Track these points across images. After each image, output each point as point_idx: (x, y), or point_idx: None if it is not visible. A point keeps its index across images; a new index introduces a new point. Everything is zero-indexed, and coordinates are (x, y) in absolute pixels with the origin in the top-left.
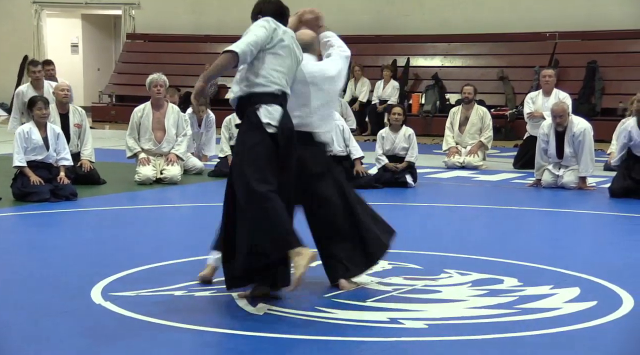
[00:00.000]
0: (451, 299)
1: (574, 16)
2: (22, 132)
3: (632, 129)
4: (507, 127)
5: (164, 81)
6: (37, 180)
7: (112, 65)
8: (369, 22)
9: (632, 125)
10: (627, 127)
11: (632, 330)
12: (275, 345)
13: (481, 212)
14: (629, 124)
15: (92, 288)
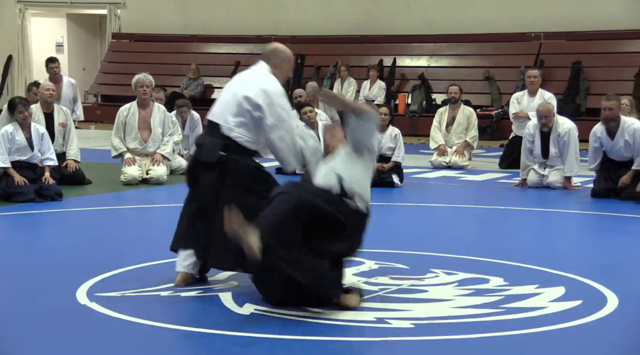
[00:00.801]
0: (437, 298)
1: (559, 16)
2: (5, 133)
3: (601, 135)
4: (492, 127)
5: (150, 81)
6: (21, 181)
7: (98, 65)
8: (356, 22)
9: (600, 130)
10: (595, 131)
11: (616, 329)
12: (261, 345)
13: (467, 212)
14: (598, 129)
15: (77, 288)
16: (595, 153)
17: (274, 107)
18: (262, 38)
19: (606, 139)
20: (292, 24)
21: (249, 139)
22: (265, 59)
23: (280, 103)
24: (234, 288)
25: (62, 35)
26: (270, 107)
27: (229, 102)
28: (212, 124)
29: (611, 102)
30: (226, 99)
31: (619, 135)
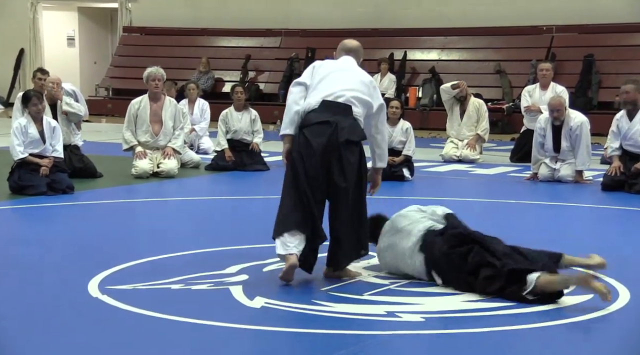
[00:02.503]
0: (448, 292)
1: (570, 10)
2: (19, 126)
3: (620, 118)
4: (504, 120)
5: (162, 75)
6: (43, 162)
7: (109, 58)
8: (366, 15)
9: (621, 113)
10: (617, 115)
11: (628, 322)
12: (272, 339)
13: (478, 205)
14: (619, 114)
15: (89, 281)
16: (613, 137)
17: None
18: (272, 31)
19: (625, 121)
20: (302, 18)
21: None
22: (352, 55)
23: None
24: (244, 281)
25: (73, 29)
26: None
27: (355, 85)
28: (338, 104)
29: (628, 86)
30: (348, 82)
31: (637, 118)
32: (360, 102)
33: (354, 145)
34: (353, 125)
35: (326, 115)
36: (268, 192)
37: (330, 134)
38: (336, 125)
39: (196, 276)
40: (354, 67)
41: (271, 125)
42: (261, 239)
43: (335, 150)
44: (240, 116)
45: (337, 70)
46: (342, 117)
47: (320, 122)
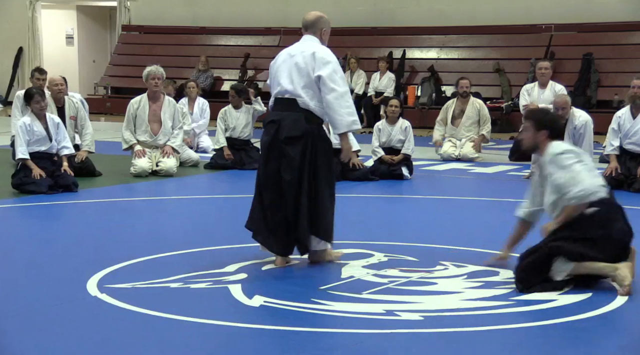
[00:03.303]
0: (447, 291)
1: (569, 8)
2: (23, 125)
3: (622, 116)
4: (502, 119)
5: (162, 74)
6: (38, 174)
7: (108, 57)
8: (365, 14)
9: (623, 111)
10: (618, 113)
11: (626, 321)
12: (271, 337)
13: (477, 204)
14: (621, 111)
15: (87, 280)
16: (613, 135)
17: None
18: (271, 30)
19: (628, 118)
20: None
21: (321, 108)
22: (310, 32)
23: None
24: (243, 280)
25: (72, 28)
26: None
27: (294, 76)
28: (285, 100)
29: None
30: (289, 74)
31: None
32: (303, 91)
33: (296, 139)
34: (296, 119)
35: (275, 113)
36: None
37: (275, 132)
38: (279, 123)
39: (195, 275)
40: (300, 50)
41: None
42: None
43: (278, 147)
44: (238, 114)
45: (282, 62)
46: (289, 112)
47: (269, 121)
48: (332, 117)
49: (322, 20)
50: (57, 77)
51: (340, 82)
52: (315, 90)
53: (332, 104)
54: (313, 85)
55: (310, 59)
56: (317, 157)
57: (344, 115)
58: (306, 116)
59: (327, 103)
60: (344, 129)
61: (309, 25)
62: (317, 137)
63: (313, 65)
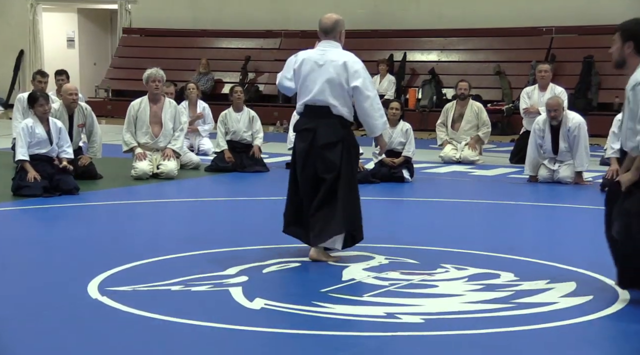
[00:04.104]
0: (448, 293)
1: (570, 11)
2: (25, 126)
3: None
4: (503, 122)
5: (162, 76)
6: (32, 177)
7: (109, 59)
8: (366, 16)
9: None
10: (618, 115)
11: (627, 324)
12: (272, 340)
13: (477, 206)
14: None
15: (88, 283)
16: (613, 138)
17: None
18: (272, 33)
19: None
20: (301, 19)
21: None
22: (331, 37)
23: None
24: (244, 283)
25: (73, 30)
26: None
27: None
28: (317, 108)
29: None
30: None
31: None
32: (336, 99)
33: (335, 144)
34: (332, 126)
35: (308, 120)
36: (268, 194)
37: (312, 140)
38: (315, 131)
39: (196, 277)
40: (329, 58)
41: (271, 127)
42: (261, 241)
43: (315, 153)
44: (239, 117)
45: (311, 71)
46: (323, 119)
47: (304, 129)
48: (367, 122)
49: (340, 23)
50: (72, 86)
51: (371, 88)
52: (346, 98)
53: (368, 110)
54: (345, 94)
55: (342, 70)
56: (352, 161)
57: (378, 119)
58: (340, 122)
59: (364, 110)
60: (379, 131)
61: (329, 30)
62: (350, 141)
63: (346, 76)
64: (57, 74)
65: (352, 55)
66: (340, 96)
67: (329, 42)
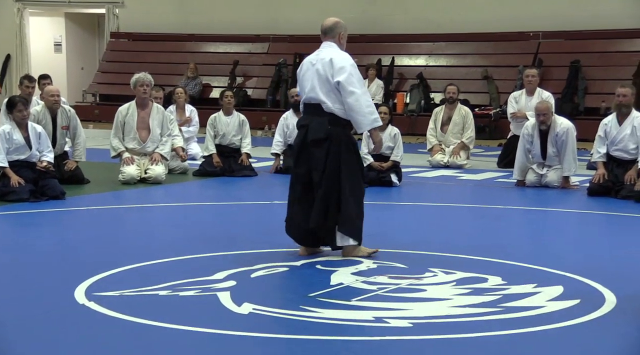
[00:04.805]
0: (436, 297)
1: (557, 15)
2: (2, 133)
3: (608, 123)
4: (491, 126)
5: (150, 81)
6: (16, 182)
7: (96, 64)
8: (354, 21)
9: (609, 119)
10: (604, 120)
11: (614, 328)
12: (259, 345)
13: (465, 211)
14: (607, 119)
15: (75, 288)
16: (600, 143)
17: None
18: (260, 37)
19: (614, 125)
20: (290, 23)
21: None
22: (329, 38)
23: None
24: (232, 287)
25: (60, 35)
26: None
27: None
28: (312, 106)
29: (625, 89)
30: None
31: (628, 122)
32: (326, 96)
33: (321, 141)
34: (321, 123)
35: (305, 117)
36: (256, 198)
37: (303, 136)
38: (307, 127)
39: (184, 282)
40: (320, 56)
41: (259, 131)
42: (249, 245)
43: (306, 150)
44: (228, 120)
45: (306, 70)
46: (316, 117)
47: (300, 126)
48: (354, 118)
49: (339, 25)
50: (54, 87)
51: (357, 84)
52: (337, 95)
53: (353, 106)
54: (335, 91)
55: (328, 66)
56: (341, 157)
57: (366, 115)
58: (330, 120)
59: (349, 106)
60: (366, 127)
61: (327, 31)
62: (341, 138)
63: (332, 72)
64: (41, 78)
65: (344, 53)
66: (331, 93)
67: (327, 43)
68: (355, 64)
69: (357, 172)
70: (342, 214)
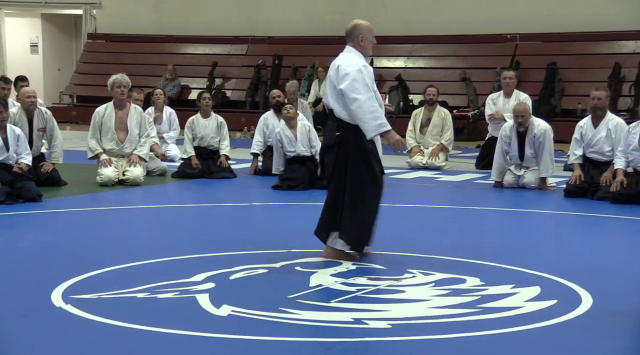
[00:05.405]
0: (414, 298)
1: (534, 18)
2: None
3: (584, 125)
4: (469, 127)
5: (127, 82)
6: None
7: (73, 65)
8: (333, 23)
9: (585, 121)
10: (580, 123)
11: (590, 328)
12: (239, 347)
13: (444, 212)
14: (583, 121)
15: (52, 291)
16: (576, 145)
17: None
18: (239, 38)
19: (590, 128)
20: (269, 25)
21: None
22: (349, 43)
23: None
24: (211, 289)
25: (36, 36)
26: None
27: (328, 89)
28: (328, 111)
29: (600, 92)
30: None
31: (603, 125)
32: (335, 102)
33: (331, 147)
34: (331, 129)
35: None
36: (235, 200)
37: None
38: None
39: (162, 284)
40: (333, 63)
41: (238, 133)
42: (228, 247)
43: (322, 155)
44: (206, 122)
45: (328, 76)
46: (330, 122)
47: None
48: (360, 125)
49: (357, 28)
50: (30, 89)
51: (361, 90)
52: (344, 101)
53: (357, 113)
54: (342, 97)
55: (335, 72)
56: (347, 163)
57: (369, 121)
58: (339, 125)
59: (351, 113)
60: (372, 134)
61: (347, 35)
62: (350, 144)
63: (337, 79)
64: (18, 79)
65: (353, 58)
66: (339, 99)
67: (347, 48)
68: (363, 68)
69: (365, 179)
70: (344, 220)
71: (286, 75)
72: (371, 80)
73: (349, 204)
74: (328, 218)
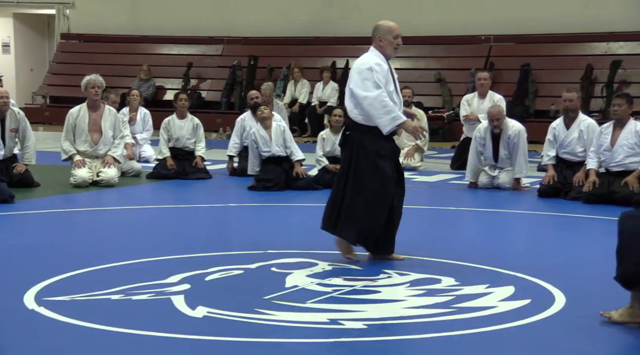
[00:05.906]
0: (390, 299)
1: (508, 20)
2: None
3: (557, 126)
4: (444, 128)
5: (101, 83)
6: None
7: (46, 65)
8: (308, 23)
9: (557, 122)
10: (553, 124)
11: (564, 327)
12: (214, 349)
13: (419, 212)
14: (555, 122)
15: (25, 293)
16: (549, 146)
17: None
18: (214, 39)
19: (562, 129)
20: (244, 25)
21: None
22: (373, 44)
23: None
24: (186, 291)
25: (8, 35)
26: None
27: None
28: None
29: (571, 93)
30: None
31: (575, 126)
32: (349, 102)
33: (342, 146)
34: (346, 128)
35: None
36: (210, 201)
37: None
38: None
39: (136, 286)
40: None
41: (213, 133)
42: (203, 248)
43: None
44: (182, 124)
45: None
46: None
47: None
48: (374, 122)
49: (377, 29)
50: (3, 89)
51: (370, 87)
52: (355, 100)
53: (369, 110)
54: (353, 96)
55: (353, 74)
56: (351, 161)
57: (382, 116)
58: (349, 124)
59: (364, 111)
60: (388, 128)
61: (372, 35)
62: (355, 142)
63: (350, 78)
64: None
65: (367, 57)
66: (352, 97)
67: (370, 47)
68: (376, 66)
69: (370, 175)
70: (343, 213)
71: (262, 75)
72: (385, 79)
73: (348, 201)
74: (330, 212)
